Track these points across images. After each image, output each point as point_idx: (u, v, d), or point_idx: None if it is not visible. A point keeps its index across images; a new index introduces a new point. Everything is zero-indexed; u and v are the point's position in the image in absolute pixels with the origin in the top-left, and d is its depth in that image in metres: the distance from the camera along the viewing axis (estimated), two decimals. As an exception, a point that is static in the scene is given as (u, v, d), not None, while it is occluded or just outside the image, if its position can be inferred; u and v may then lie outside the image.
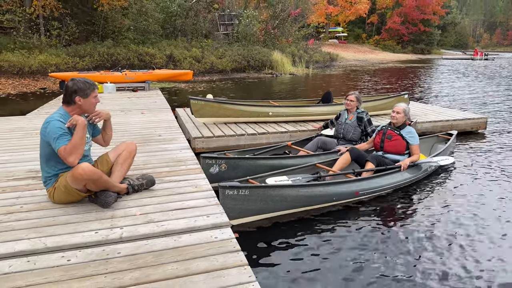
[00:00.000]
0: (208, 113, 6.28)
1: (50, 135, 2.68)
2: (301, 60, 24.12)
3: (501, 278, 2.70)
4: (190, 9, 21.63)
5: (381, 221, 3.58)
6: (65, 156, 2.65)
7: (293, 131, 6.07)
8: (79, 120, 2.73)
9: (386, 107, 7.36)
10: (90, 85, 2.85)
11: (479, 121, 7.27)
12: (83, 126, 2.74)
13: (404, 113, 4.45)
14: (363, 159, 4.40)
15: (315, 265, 2.83)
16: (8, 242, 2.31)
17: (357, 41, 53.38)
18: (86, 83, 2.84)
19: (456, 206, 3.93)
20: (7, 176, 3.50)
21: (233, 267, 2.10)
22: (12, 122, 6.26)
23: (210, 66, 19.28)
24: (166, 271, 2.06)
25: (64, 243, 2.31)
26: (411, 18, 50.91)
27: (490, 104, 11.25)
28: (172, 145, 4.69)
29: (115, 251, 2.26)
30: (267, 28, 24.77)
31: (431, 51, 54.99)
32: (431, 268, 2.81)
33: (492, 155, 5.74)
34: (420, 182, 4.57)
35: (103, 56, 16.87)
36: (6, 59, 14.89)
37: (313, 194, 3.66)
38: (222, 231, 2.51)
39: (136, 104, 8.42)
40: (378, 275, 2.72)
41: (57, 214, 2.70)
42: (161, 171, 3.64)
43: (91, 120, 2.97)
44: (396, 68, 29.23)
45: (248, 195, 3.29)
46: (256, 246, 3.11)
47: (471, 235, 3.32)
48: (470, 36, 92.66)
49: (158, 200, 2.95)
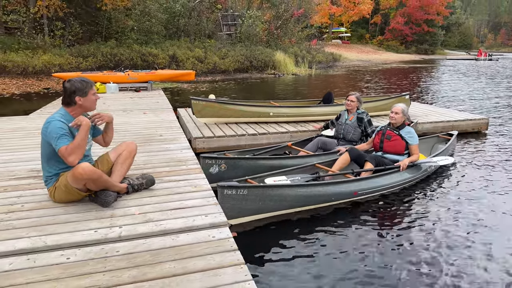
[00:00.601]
0: (209, 114, 6.32)
1: (51, 135, 2.71)
2: (303, 60, 24.12)
3: (502, 279, 2.71)
4: (193, 9, 21.69)
5: (380, 221, 3.59)
6: (65, 156, 2.69)
7: (293, 132, 6.09)
8: (84, 121, 2.77)
9: (387, 108, 7.35)
10: (87, 84, 2.89)
11: (480, 122, 7.26)
12: (87, 128, 2.79)
13: (402, 113, 4.46)
14: (363, 159, 4.41)
15: (313, 265, 2.85)
16: (9, 240, 2.35)
17: (360, 42, 53.28)
18: (83, 82, 2.87)
19: (456, 206, 3.93)
20: (9, 175, 3.55)
21: (229, 266, 2.13)
22: (15, 121, 6.32)
23: (212, 66, 19.32)
24: (164, 269, 2.09)
25: (63, 241, 2.34)
26: (414, 19, 50.74)
27: (492, 104, 11.22)
28: (173, 145, 4.72)
29: (114, 249, 2.29)
30: (270, 28, 24.78)
31: (434, 51, 54.80)
32: (430, 269, 2.82)
33: (493, 156, 5.74)
34: (420, 183, 4.58)
35: (106, 56, 16.95)
36: (10, 59, 15.00)
37: (311, 194, 3.68)
38: (220, 230, 2.54)
39: (138, 104, 8.47)
40: (376, 275, 2.73)
41: (58, 213, 2.74)
42: (161, 170, 3.68)
43: (94, 122, 3.00)
44: (399, 68, 29.17)
45: (246, 194, 3.32)
46: (255, 245, 3.13)
47: (471, 236, 3.32)
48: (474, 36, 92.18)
49: (157, 200, 2.98)
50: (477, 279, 2.70)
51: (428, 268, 2.83)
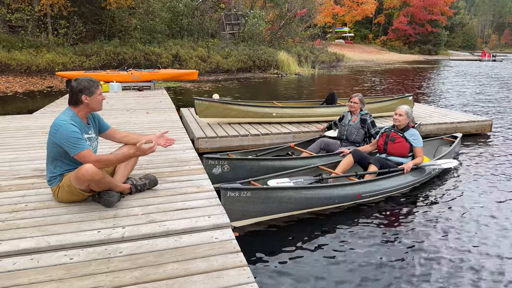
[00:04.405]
0: (212, 114, 6.32)
1: (64, 138, 2.70)
2: (307, 60, 24.09)
3: (503, 280, 2.70)
4: (196, 8, 21.72)
5: (383, 224, 3.58)
6: (88, 161, 2.71)
7: (296, 132, 6.08)
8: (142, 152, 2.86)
9: (390, 109, 7.33)
10: (94, 83, 2.89)
11: (484, 124, 7.23)
12: (135, 156, 2.95)
13: (406, 115, 4.45)
14: (366, 161, 4.40)
15: (316, 268, 2.84)
16: (12, 240, 2.36)
17: (363, 42, 53.19)
18: (90, 81, 2.87)
19: (460, 210, 3.92)
20: (13, 174, 3.56)
21: (232, 268, 2.12)
22: (19, 120, 6.34)
23: (216, 65, 19.34)
24: (166, 271, 2.09)
25: (67, 241, 2.35)
26: (418, 19, 50.62)
27: (496, 106, 11.17)
28: (176, 145, 4.72)
29: (117, 250, 2.29)
30: (273, 28, 24.77)
31: (438, 52, 54.65)
32: (433, 272, 2.81)
33: (497, 158, 5.71)
34: (424, 185, 4.57)
35: (109, 55, 17.00)
36: (14, 57, 15.07)
37: (315, 196, 3.67)
38: (222, 232, 2.54)
39: (141, 103, 8.48)
40: (379, 278, 2.73)
41: (61, 213, 2.74)
42: (164, 171, 3.68)
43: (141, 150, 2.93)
44: (402, 69, 29.09)
45: (250, 197, 3.31)
46: (257, 247, 3.13)
47: (475, 240, 3.31)
48: (478, 37, 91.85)
49: (160, 200, 2.98)
50: (482, 282, 2.69)
51: (432, 271, 2.81)
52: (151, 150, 2.88)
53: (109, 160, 2.86)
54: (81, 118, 2.89)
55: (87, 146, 2.76)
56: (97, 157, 2.78)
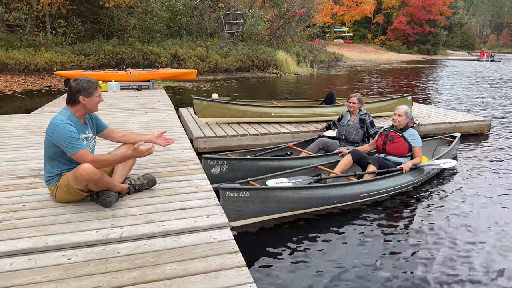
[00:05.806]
0: (210, 113, 6.31)
1: (61, 138, 2.69)
2: (305, 60, 24.09)
3: (502, 279, 2.70)
4: (195, 8, 21.69)
5: (382, 224, 3.58)
6: (85, 161, 2.70)
7: (295, 132, 6.08)
8: (140, 153, 2.84)
9: (389, 109, 7.33)
10: (93, 84, 2.88)
11: (482, 124, 7.24)
12: (133, 157, 2.94)
13: (405, 116, 4.45)
14: (365, 161, 4.40)
15: (314, 268, 2.84)
16: (10, 240, 2.35)
17: (362, 41, 53.21)
18: (89, 82, 2.87)
19: (459, 210, 3.92)
20: (10, 174, 3.55)
21: (230, 268, 2.12)
22: (17, 120, 6.32)
23: (214, 65, 19.31)
24: (165, 271, 2.08)
25: (65, 242, 2.34)
26: (417, 18, 50.67)
27: (494, 106, 11.18)
28: (174, 145, 4.70)
29: (115, 250, 2.28)
30: (272, 27, 24.75)
31: (437, 51, 54.71)
32: (432, 272, 2.81)
33: (495, 158, 5.72)
34: (422, 185, 4.57)
35: (108, 54, 16.96)
36: (12, 56, 15.01)
37: (314, 196, 3.67)
38: (221, 232, 2.53)
39: (140, 103, 8.46)
40: (378, 278, 2.73)
41: (59, 213, 2.73)
42: (162, 171, 3.67)
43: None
44: (401, 68, 29.11)
45: (248, 197, 3.31)
46: (256, 247, 3.13)
47: (474, 240, 3.31)
48: (477, 37, 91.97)
49: (158, 200, 2.97)
50: (481, 281, 2.69)
51: (431, 271, 2.81)
52: (148, 152, 2.87)
53: (107, 160, 2.86)
54: (78, 117, 2.88)
55: (84, 146, 2.75)
56: (94, 157, 2.78)
